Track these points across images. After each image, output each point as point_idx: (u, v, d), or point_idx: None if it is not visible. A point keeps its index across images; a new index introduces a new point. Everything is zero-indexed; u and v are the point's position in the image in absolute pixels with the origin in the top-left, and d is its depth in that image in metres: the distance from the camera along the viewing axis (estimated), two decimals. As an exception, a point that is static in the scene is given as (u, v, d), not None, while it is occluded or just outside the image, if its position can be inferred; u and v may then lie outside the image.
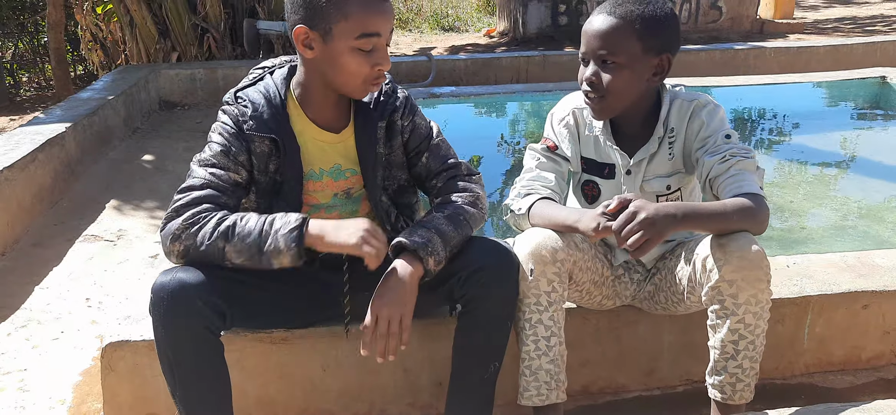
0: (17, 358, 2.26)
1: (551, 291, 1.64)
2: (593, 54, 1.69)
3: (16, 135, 3.62)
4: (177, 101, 5.64)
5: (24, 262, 2.95)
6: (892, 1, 11.12)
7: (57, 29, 6.75)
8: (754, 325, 1.57)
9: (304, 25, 1.54)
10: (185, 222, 1.52)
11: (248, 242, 1.49)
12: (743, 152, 1.65)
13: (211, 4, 6.05)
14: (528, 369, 1.68)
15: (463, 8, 11.91)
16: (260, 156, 1.63)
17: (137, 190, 3.76)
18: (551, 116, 1.89)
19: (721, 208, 1.57)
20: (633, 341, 1.96)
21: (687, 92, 1.79)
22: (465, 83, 6.08)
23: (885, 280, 2.02)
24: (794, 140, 4.85)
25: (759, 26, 8.81)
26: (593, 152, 1.84)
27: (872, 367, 2.06)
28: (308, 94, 1.66)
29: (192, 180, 1.59)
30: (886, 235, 3.16)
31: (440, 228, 1.60)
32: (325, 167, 1.70)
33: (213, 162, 1.60)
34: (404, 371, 1.90)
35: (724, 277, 1.54)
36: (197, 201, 1.55)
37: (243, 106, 1.63)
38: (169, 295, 1.47)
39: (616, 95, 1.69)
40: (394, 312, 1.52)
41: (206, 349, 1.52)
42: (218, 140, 1.63)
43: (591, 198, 1.86)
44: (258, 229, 1.49)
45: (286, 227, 1.49)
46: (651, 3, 1.67)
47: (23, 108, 6.86)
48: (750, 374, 1.62)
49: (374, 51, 1.56)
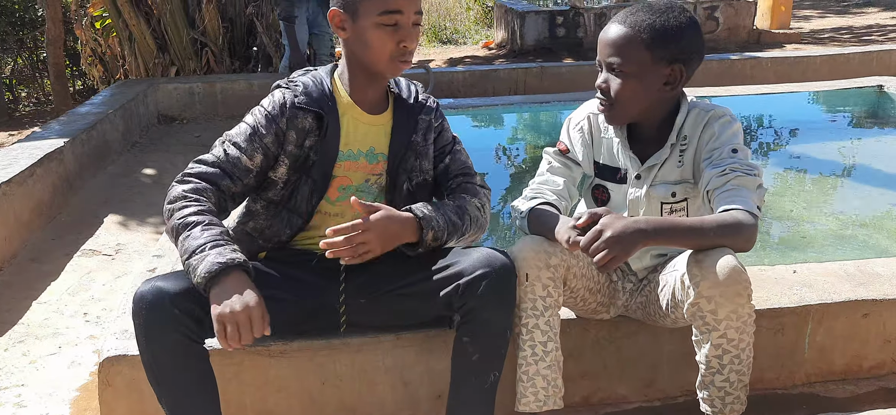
0: (15, 373, 2.25)
1: (546, 295, 1.65)
2: (605, 61, 1.72)
3: (14, 150, 3.62)
4: (175, 115, 5.64)
5: (22, 276, 2.94)
6: (888, 11, 11.17)
7: (56, 44, 6.77)
8: (738, 339, 1.56)
9: (338, 8, 1.68)
10: (183, 193, 1.62)
11: (186, 247, 1.54)
12: (745, 168, 1.63)
13: (209, 19, 6.07)
14: (525, 374, 1.67)
15: (461, 20, 11.95)
16: (299, 130, 1.70)
17: (136, 204, 3.75)
18: (568, 121, 1.91)
19: (698, 224, 1.57)
20: (633, 351, 1.96)
21: (706, 103, 1.78)
22: (464, 95, 6.09)
23: (885, 289, 2.01)
24: (792, 149, 4.85)
25: (755, 37, 8.84)
26: (607, 157, 1.85)
27: (874, 376, 2.06)
28: (348, 76, 1.77)
29: (208, 155, 1.70)
30: (886, 244, 3.16)
31: (448, 215, 1.70)
32: (362, 148, 1.77)
33: (235, 141, 1.70)
34: (404, 384, 1.89)
35: (702, 294, 1.53)
36: (201, 176, 1.66)
37: (295, 86, 1.74)
38: (147, 305, 1.51)
39: (624, 103, 1.70)
40: (375, 245, 1.59)
41: (187, 356, 1.54)
42: (249, 120, 1.72)
43: (601, 202, 1.87)
44: (202, 243, 1.53)
45: (217, 259, 1.50)
46: (666, 13, 1.67)
47: (22, 123, 6.86)
48: (738, 387, 1.61)
49: (398, 27, 1.65)
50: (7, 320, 2.58)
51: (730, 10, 8.77)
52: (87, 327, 2.53)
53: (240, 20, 6.36)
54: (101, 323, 2.54)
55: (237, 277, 1.50)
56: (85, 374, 2.23)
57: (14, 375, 2.24)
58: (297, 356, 1.82)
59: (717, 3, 8.78)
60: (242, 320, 1.45)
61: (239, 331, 1.45)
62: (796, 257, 3.02)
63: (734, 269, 1.52)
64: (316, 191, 1.73)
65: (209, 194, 1.63)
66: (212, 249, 1.51)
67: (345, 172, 1.75)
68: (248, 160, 1.68)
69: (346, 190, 1.76)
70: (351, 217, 1.67)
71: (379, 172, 1.78)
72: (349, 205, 1.68)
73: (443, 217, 1.68)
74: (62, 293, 2.79)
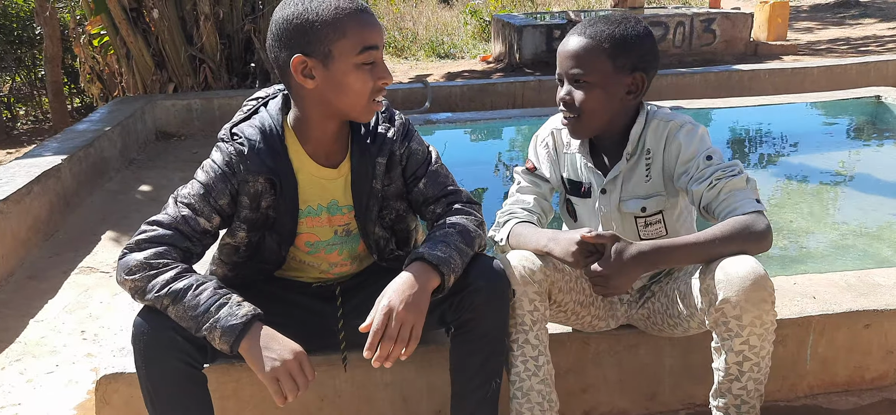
0: (12, 392, 2.23)
1: (533, 310, 1.64)
2: (567, 74, 1.72)
3: (11, 167, 3.61)
4: (173, 131, 5.64)
5: (18, 294, 2.93)
6: (884, 22, 11.22)
7: (54, 62, 6.78)
8: (759, 346, 1.55)
9: (302, 54, 1.50)
10: (146, 261, 1.49)
11: (191, 315, 1.44)
12: (729, 172, 1.64)
13: (207, 36, 6.08)
14: (519, 391, 1.66)
15: (458, 35, 11.99)
16: (252, 195, 1.60)
17: (134, 221, 3.74)
18: (535, 137, 1.93)
19: (704, 238, 1.57)
20: (634, 364, 1.94)
21: (665, 112, 1.79)
22: (462, 109, 6.10)
23: (886, 299, 2.01)
24: (790, 160, 4.85)
25: (752, 48, 8.88)
26: (572, 172, 1.86)
27: (876, 387, 2.04)
28: (306, 128, 1.61)
29: (162, 216, 1.57)
30: (886, 254, 3.15)
31: (457, 244, 1.56)
32: (322, 203, 1.67)
33: (188, 202, 1.58)
34: (403, 400, 1.87)
35: (728, 299, 1.52)
36: (159, 240, 1.53)
37: (239, 143, 1.59)
38: (150, 329, 1.46)
39: (590, 114, 1.71)
40: (409, 316, 1.45)
41: (187, 382, 1.50)
42: (202, 179, 1.60)
43: (575, 216, 1.88)
44: (205, 306, 1.44)
45: (230, 320, 1.43)
46: (623, 23, 1.70)
47: (20, 141, 6.86)
48: (754, 395, 1.60)
49: (375, 65, 1.54)
50: (4, 339, 2.56)
51: (727, 23, 8.81)
52: (84, 344, 2.51)
53: (237, 37, 6.37)
54: (98, 341, 2.53)
55: (258, 328, 1.45)
56: (82, 392, 2.21)
57: (11, 394, 2.22)
58: (296, 373, 1.80)
59: (714, 16, 8.82)
60: (295, 368, 1.43)
61: (295, 380, 1.43)
62: (796, 268, 3.01)
63: (759, 275, 1.50)
64: (283, 243, 1.66)
65: (172, 256, 1.52)
66: (217, 311, 1.43)
67: (309, 228, 1.67)
68: (206, 222, 1.58)
69: (316, 246, 1.70)
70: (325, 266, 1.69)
71: (346, 223, 1.70)
72: (323, 257, 1.67)
73: (455, 250, 1.55)
74: (59, 311, 2.77)
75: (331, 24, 1.49)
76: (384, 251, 1.73)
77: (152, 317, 1.47)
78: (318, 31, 1.49)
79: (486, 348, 1.60)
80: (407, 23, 12.93)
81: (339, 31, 1.49)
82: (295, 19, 1.50)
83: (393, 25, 12.61)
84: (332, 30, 1.49)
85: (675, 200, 1.78)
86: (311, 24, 1.49)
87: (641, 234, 1.79)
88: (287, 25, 1.51)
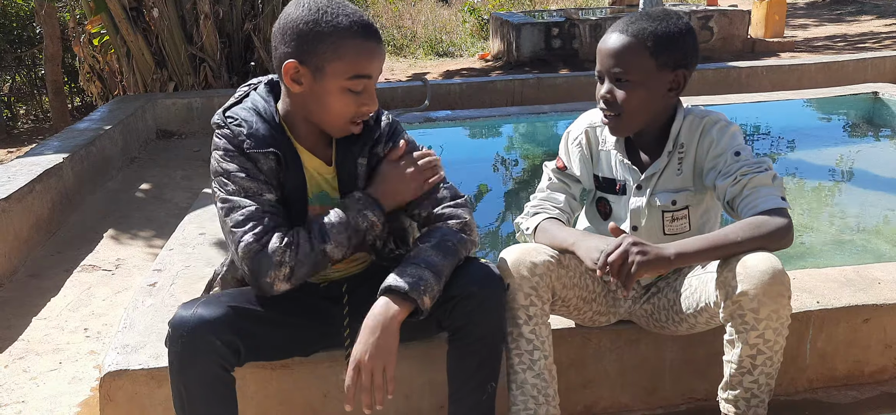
0: (15, 390, 2.24)
1: (529, 305, 1.63)
2: (608, 72, 1.70)
3: (13, 166, 3.61)
4: (174, 130, 5.65)
5: (21, 293, 2.94)
6: (881, 19, 11.23)
7: (54, 61, 6.79)
8: (773, 341, 1.55)
9: (295, 60, 1.51)
10: (281, 247, 1.51)
11: (345, 233, 1.55)
12: (755, 168, 1.64)
13: (207, 35, 6.08)
14: (514, 383, 1.67)
15: (457, 33, 12.00)
16: (268, 172, 1.58)
17: (135, 219, 3.75)
18: (566, 135, 1.90)
19: (724, 238, 1.58)
20: (635, 359, 1.96)
21: (701, 109, 1.79)
22: (461, 107, 6.10)
23: (885, 294, 2.02)
24: (788, 156, 4.87)
25: (750, 45, 8.89)
26: (607, 170, 1.84)
27: (876, 381, 2.06)
28: (293, 121, 1.63)
29: (245, 213, 1.52)
30: (884, 249, 3.17)
31: (430, 260, 1.53)
32: (314, 191, 1.67)
33: (240, 197, 1.54)
34: (405, 397, 1.89)
35: (746, 292, 1.52)
36: (269, 229, 1.53)
37: (236, 126, 1.58)
38: (188, 331, 1.46)
39: (631, 113, 1.69)
40: (376, 363, 1.47)
41: (220, 386, 1.51)
42: (233, 168, 1.56)
43: (605, 215, 1.86)
44: (339, 217, 1.55)
45: (357, 204, 1.56)
46: (664, 19, 1.68)
47: (20, 140, 6.87)
48: (765, 390, 1.61)
49: (363, 92, 1.55)
50: (7, 337, 2.57)
51: (724, 20, 8.82)
52: (87, 342, 2.52)
53: (237, 36, 6.37)
54: (101, 338, 2.54)
55: None
56: (86, 389, 2.22)
57: (14, 391, 2.24)
58: (299, 369, 1.82)
59: (711, 13, 8.84)
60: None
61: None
62: (795, 263, 3.02)
63: (777, 269, 1.51)
64: None
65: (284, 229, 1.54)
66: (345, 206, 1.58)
67: (313, 216, 1.62)
68: (269, 194, 1.56)
69: None
70: None
71: None
72: None
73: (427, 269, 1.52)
74: (62, 309, 2.78)
75: (331, 43, 1.50)
76: (382, 251, 1.73)
77: (191, 318, 1.47)
78: (317, 45, 1.50)
79: (481, 352, 1.60)
80: (405, 21, 12.93)
81: (336, 52, 1.50)
82: (302, 24, 1.51)
83: (392, 24, 12.62)
84: (330, 49, 1.50)
85: (701, 197, 1.78)
86: (314, 34, 1.50)
87: (666, 229, 1.78)
88: (294, 26, 1.52)
